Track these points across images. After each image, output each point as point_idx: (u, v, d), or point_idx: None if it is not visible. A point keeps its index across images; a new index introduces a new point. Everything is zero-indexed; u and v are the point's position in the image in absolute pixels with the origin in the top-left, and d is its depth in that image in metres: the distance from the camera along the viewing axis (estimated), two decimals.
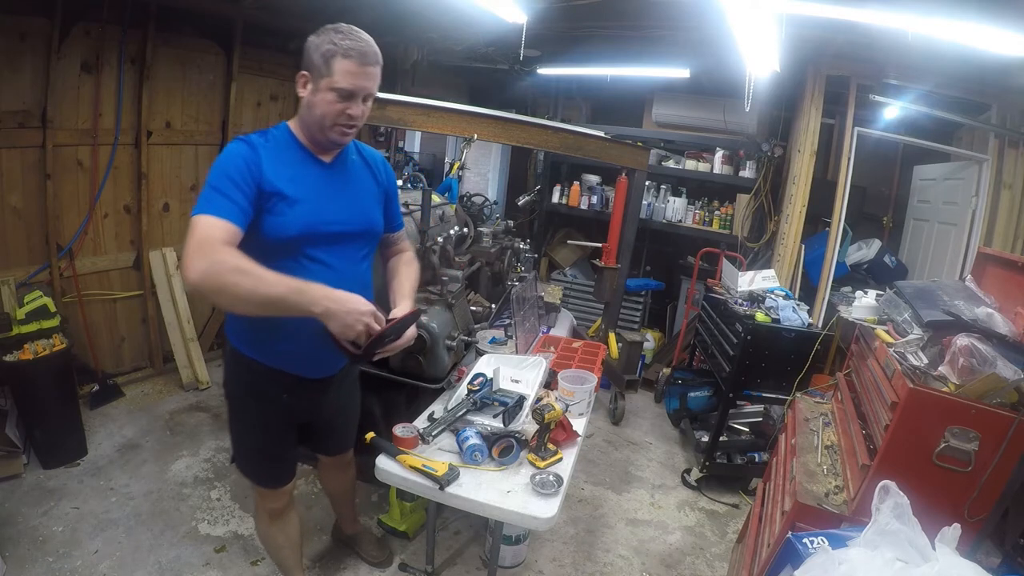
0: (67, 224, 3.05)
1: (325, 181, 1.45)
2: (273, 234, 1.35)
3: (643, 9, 3.05)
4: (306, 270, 1.37)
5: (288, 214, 1.36)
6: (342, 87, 1.32)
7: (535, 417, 1.76)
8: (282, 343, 1.47)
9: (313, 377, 1.57)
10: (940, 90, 3.30)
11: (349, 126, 1.38)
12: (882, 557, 1.05)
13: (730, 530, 2.73)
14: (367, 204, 1.56)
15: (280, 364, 1.51)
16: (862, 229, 4.15)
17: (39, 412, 2.59)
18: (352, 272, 1.50)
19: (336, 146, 1.46)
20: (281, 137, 1.42)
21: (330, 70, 1.31)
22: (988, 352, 1.42)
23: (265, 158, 1.34)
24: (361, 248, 1.55)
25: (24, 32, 2.70)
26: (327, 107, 1.34)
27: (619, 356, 3.82)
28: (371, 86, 1.37)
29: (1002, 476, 1.39)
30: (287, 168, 1.38)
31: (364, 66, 1.33)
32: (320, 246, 1.43)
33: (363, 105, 1.38)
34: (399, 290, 1.61)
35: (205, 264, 1.17)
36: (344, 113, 1.35)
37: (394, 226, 1.73)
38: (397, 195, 1.72)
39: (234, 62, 3.57)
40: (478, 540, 2.43)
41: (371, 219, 1.57)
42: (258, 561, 2.20)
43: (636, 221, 3.60)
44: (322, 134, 1.39)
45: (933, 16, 2.01)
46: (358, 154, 1.58)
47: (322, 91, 1.33)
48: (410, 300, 1.57)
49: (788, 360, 2.75)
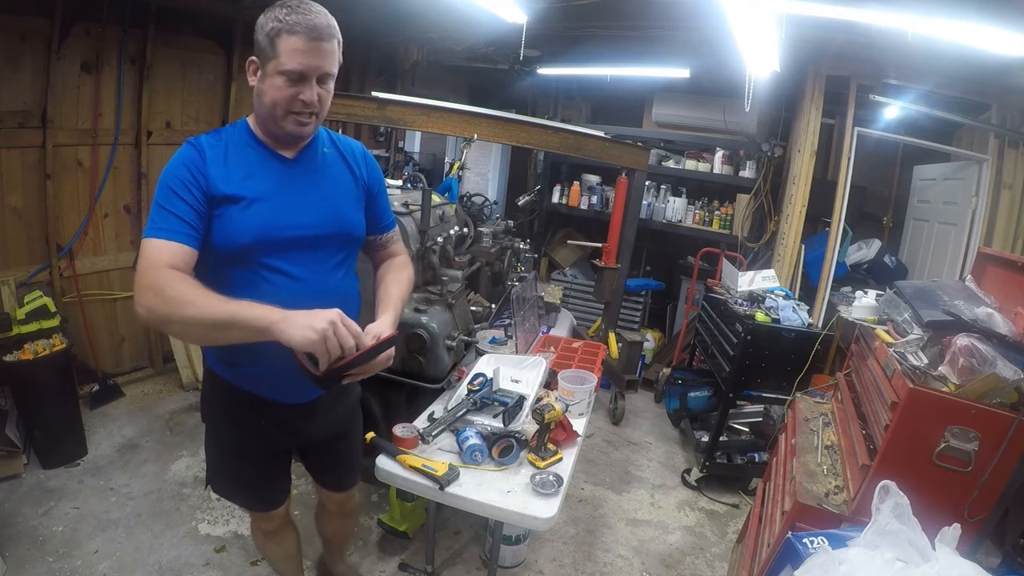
0: (67, 224, 3.05)
1: (286, 180, 1.27)
2: (223, 243, 1.19)
3: (643, 9, 3.05)
4: (266, 282, 1.23)
5: (238, 219, 1.19)
6: (290, 68, 1.14)
7: (535, 417, 1.76)
8: (249, 365, 1.32)
9: (289, 402, 1.40)
10: (940, 90, 3.30)
11: (306, 114, 1.20)
12: (882, 557, 1.05)
13: (730, 530, 2.73)
14: (341, 203, 1.36)
15: (251, 387, 1.36)
16: (862, 229, 4.15)
17: (39, 412, 2.59)
18: (323, 283, 1.31)
19: (295, 139, 1.27)
20: (237, 134, 1.27)
21: (276, 51, 1.14)
22: (988, 352, 1.42)
23: (212, 159, 1.20)
24: (334, 254, 1.34)
25: (24, 32, 2.70)
26: (276, 93, 1.17)
27: (619, 356, 3.82)
28: (325, 65, 1.18)
29: (1002, 476, 1.39)
30: (239, 168, 1.22)
31: (314, 41, 1.14)
32: (279, 254, 1.24)
33: (319, 88, 1.19)
34: (382, 300, 1.39)
35: (149, 296, 1.07)
36: (296, 99, 1.17)
37: (381, 227, 1.52)
38: (384, 191, 1.52)
39: (234, 62, 3.57)
40: (478, 540, 2.43)
41: (345, 220, 1.36)
42: (258, 561, 2.20)
43: (636, 221, 3.60)
44: (276, 125, 1.22)
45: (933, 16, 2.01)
46: (333, 146, 1.39)
47: (270, 76, 1.16)
48: (394, 313, 1.33)
49: (788, 360, 2.75)
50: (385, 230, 1.54)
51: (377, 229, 1.51)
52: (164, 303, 1.06)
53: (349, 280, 1.41)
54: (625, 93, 4.69)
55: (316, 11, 1.16)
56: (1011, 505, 1.42)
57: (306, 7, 1.15)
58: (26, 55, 2.73)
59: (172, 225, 1.13)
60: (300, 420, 1.45)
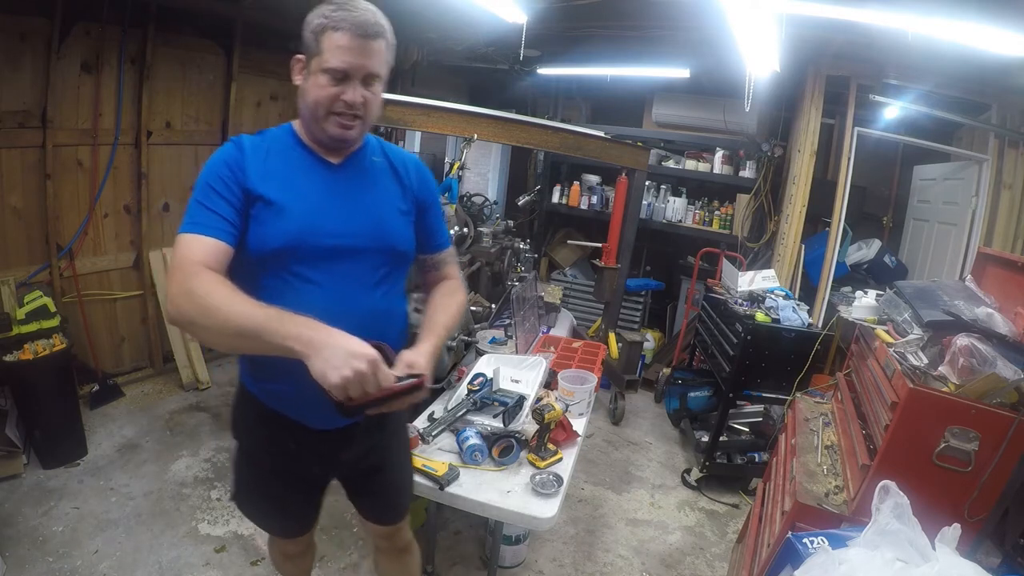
0: (67, 224, 3.05)
1: (328, 186, 1.20)
2: (256, 246, 1.13)
3: (643, 9, 3.05)
4: (295, 292, 1.14)
5: (272, 223, 1.13)
6: (333, 66, 1.09)
7: (535, 417, 1.76)
8: (275, 381, 1.22)
9: (319, 428, 1.27)
10: (940, 90, 3.30)
11: (349, 115, 1.14)
12: (882, 557, 1.05)
13: (730, 530, 2.73)
14: (386, 215, 1.26)
15: (279, 406, 1.26)
16: (862, 229, 4.15)
17: (39, 412, 2.59)
18: (358, 300, 1.20)
19: (339, 143, 1.19)
20: (281, 136, 1.22)
21: (320, 47, 1.10)
22: (988, 352, 1.42)
23: (252, 158, 1.15)
24: (375, 270, 1.23)
25: (24, 32, 2.70)
26: (319, 92, 1.12)
27: (619, 356, 3.82)
28: (370, 64, 1.12)
29: (1002, 476, 1.39)
30: (280, 169, 1.17)
31: (359, 39, 1.09)
32: (313, 263, 1.16)
33: (364, 89, 1.13)
34: (425, 327, 1.25)
35: (180, 297, 1.00)
36: (339, 99, 1.12)
37: (432, 246, 1.39)
38: (437, 207, 1.39)
39: (234, 62, 3.57)
40: (478, 540, 2.43)
41: (390, 233, 1.25)
42: (258, 561, 2.20)
43: (636, 221, 3.61)
44: (318, 127, 1.16)
45: (933, 16, 2.01)
46: (383, 156, 1.30)
47: (313, 73, 1.12)
48: (435, 342, 1.21)
49: (788, 360, 2.75)
50: (437, 250, 1.41)
51: (428, 248, 1.38)
52: (193, 305, 0.99)
53: (391, 300, 1.28)
54: (625, 93, 4.69)
55: (364, 8, 1.12)
56: (1011, 505, 1.42)
57: (353, 4, 1.11)
58: (26, 55, 2.73)
59: (209, 221, 1.08)
60: (333, 448, 1.31)
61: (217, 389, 3.54)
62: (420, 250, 1.36)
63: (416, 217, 1.33)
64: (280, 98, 4.02)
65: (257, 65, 3.78)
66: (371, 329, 1.00)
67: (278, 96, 4.00)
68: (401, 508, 1.55)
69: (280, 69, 3.95)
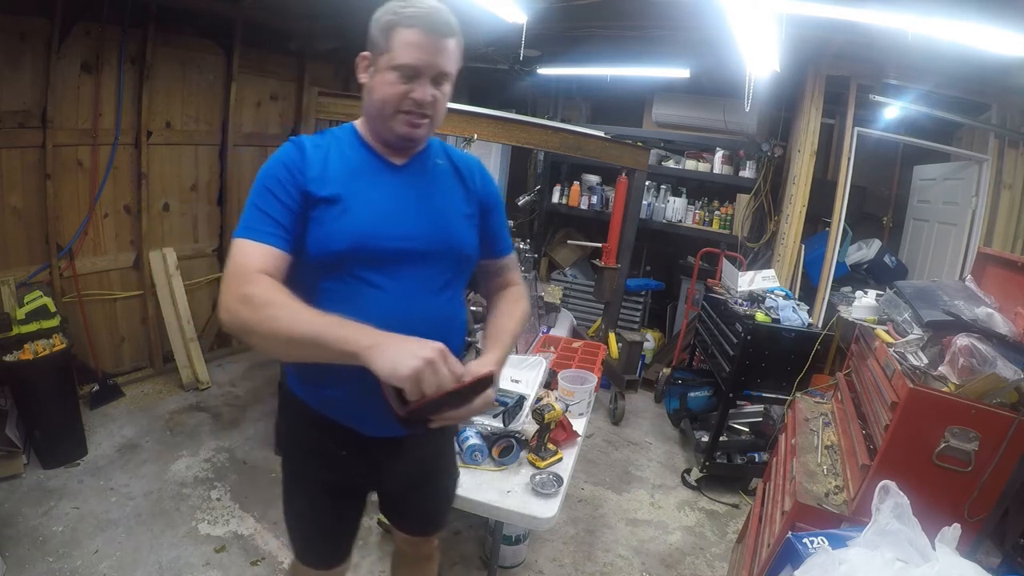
0: (67, 224, 3.05)
1: (392, 187, 1.16)
2: (316, 249, 1.09)
3: (643, 9, 3.05)
4: (359, 297, 1.10)
5: (334, 224, 1.09)
6: (403, 63, 1.06)
7: (535, 417, 1.76)
8: (330, 386, 1.18)
9: (371, 435, 1.22)
10: (940, 90, 3.30)
11: (417, 114, 1.11)
12: (882, 557, 1.05)
13: (730, 530, 2.73)
14: (451, 218, 1.22)
15: (330, 412, 1.21)
16: (862, 229, 4.15)
17: (39, 412, 2.59)
18: (423, 304, 1.16)
19: (406, 142, 1.16)
20: (343, 136, 1.19)
21: (390, 44, 1.07)
22: (988, 352, 1.42)
23: (312, 158, 1.12)
24: (440, 274, 1.19)
25: (24, 32, 2.70)
26: (387, 90, 1.09)
27: (619, 356, 3.82)
28: (441, 62, 1.10)
29: (1002, 476, 1.39)
30: (341, 170, 1.13)
31: (431, 36, 1.07)
32: (376, 267, 1.12)
33: (434, 89, 1.11)
34: (491, 334, 1.23)
35: (235, 302, 0.98)
36: (408, 97, 1.08)
37: (496, 250, 1.35)
38: (501, 211, 1.36)
39: (234, 62, 3.57)
40: (478, 540, 2.43)
41: (455, 237, 1.21)
42: (258, 561, 2.20)
43: (636, 221, 3.60)
44: (384, 126, 1.13)
45: (933, 16, 2.00)
46: (447, 158, 1.27)
47: (381, 71, 1.09)
48: (502, 351, 1.17)
49: (788, 360, 2.75)
50: (500, 255, 1.37)
51: (491, 253, 1.34)
52: (250, 311, 0.96)
53: (455, 307, 1.25)
54: (625, 93, 4.69)
55: (435, 6, 1.09)
56: (1011, 505, 1.42)
57: (424, 1, 1.09)
58: (26, 55, 2.73)
59: (266, 227, 1.05)
60: (383, 456, 1.26)
61: (217, 389, 3.54)
62: (483, 255, 1.32)
63: (480, 221, 1.29)
64: (280, 98, 4.02)
65: (257, 65, 3.78)
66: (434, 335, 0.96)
67: (278, 96, 4.00)
68: (442, 521, 1.52)
69: (280, 69, 3.96)
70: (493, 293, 1.38)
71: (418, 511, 1.46)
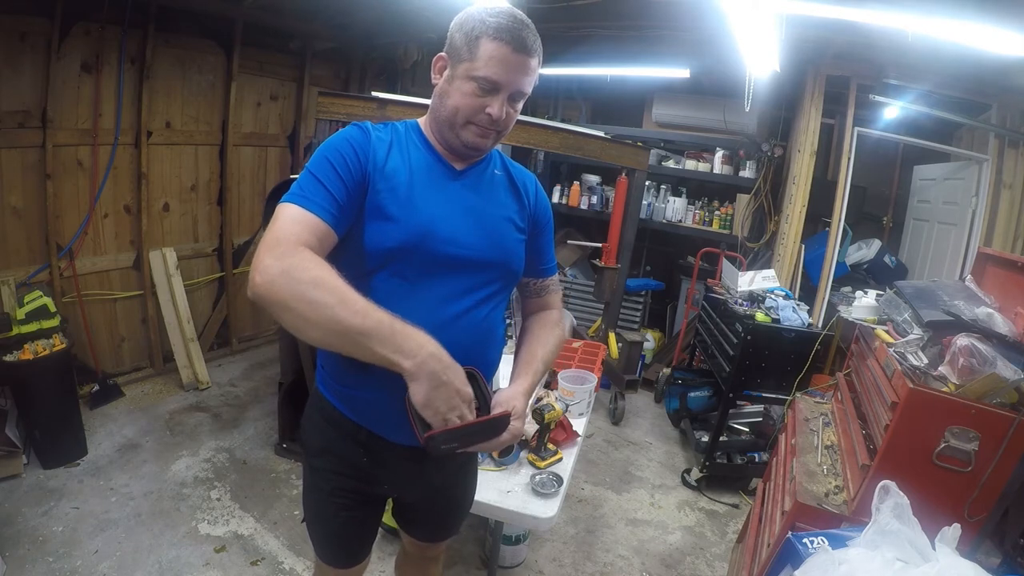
0: (67, 224, 3.05)
1: (450, 191, 1.13)
2: (370, 243, 1.05)
3: (643, 9, 3.05)
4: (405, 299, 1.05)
5: (391, 220, 1.06)
6: (485, 75, 1.03)
7: (535, 417, 1.76)
8: (363, 388, 1.14)
9: (398, 442, 1.18)
10: (940, 90, 3.30)
11: (488, 128, 1.09)
12: (882, 557, 1.05)
13: (730, 530, 2.73)
14: (503, 231, 1.19)
15: (358, 417, 1.18)
16: (862, 229, 4.15)
17: (39, 412, 2.58)
18: (468, 313, 1.12)
19: (473, 151, 1.13)
20: (406, 132, 1.16)
21: (473, 54, 1.03)
22: (988, 352, 1.42)
23: (377, 146, 1.08)
24: (487, 285, 1.15)
25: (24, 32, 2.70)
26: (462, 99, 1.06)
27: (619, 356, 3.82)
28: (522, 82, 1.07)
29: (1002, 476, 1.39)
30: (403, 166, 1.10)
31: (517, 54, 1.03)
32: (427, 269, 1.08)
33: (508, 106, 1.09)
34: (523, 361, 1.20)
35: (276, 267, 0.89)
36: (482, 110, 1.06)
37: (540, 269, 1.31)
38: (550, 230, 1.32)
39: (234, 62, 3.57)
40: (478, 540, 2.43)
41: (507, 250, 1.18)
42: (258, 561, 2.20)
43: (636, 221, 3.60)
44: (452, 132, 1.10)
45: (933, 16, 2.01)
46: (504, 170, 1.24)
47: (459, 78, 1.06)
48: (532, 379, 1.15)
49: (788, 360, 2.75)
50: (544, 274, 1.33)
51: (535, 271, 1.31)
52: (292, 289, 0.88)
53: (496, 320, 1.20)
54: (625, 93, 4.69)
55: (522, 21, 1.05)
56: (1011, 505, 1.42)
57: (512, 14, 1.05)
58: (26, 55, 2.73)
59: (320, 199, 0.99)
60: (407, 464, 1.22)
61: (217, 389, 3.54)
62: (527, 272, 1.28)
63: (529, 237, 1.26)
64: (280, 98, 4.02)
65: (257, 65, 3.78)
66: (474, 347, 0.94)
67: (278, 96, 4.00)
68: (455, 529, 1.49)
69: (280, 69, 3.96)
70: (530, 314, 1.35)
71: (432, 520, 1.44)
